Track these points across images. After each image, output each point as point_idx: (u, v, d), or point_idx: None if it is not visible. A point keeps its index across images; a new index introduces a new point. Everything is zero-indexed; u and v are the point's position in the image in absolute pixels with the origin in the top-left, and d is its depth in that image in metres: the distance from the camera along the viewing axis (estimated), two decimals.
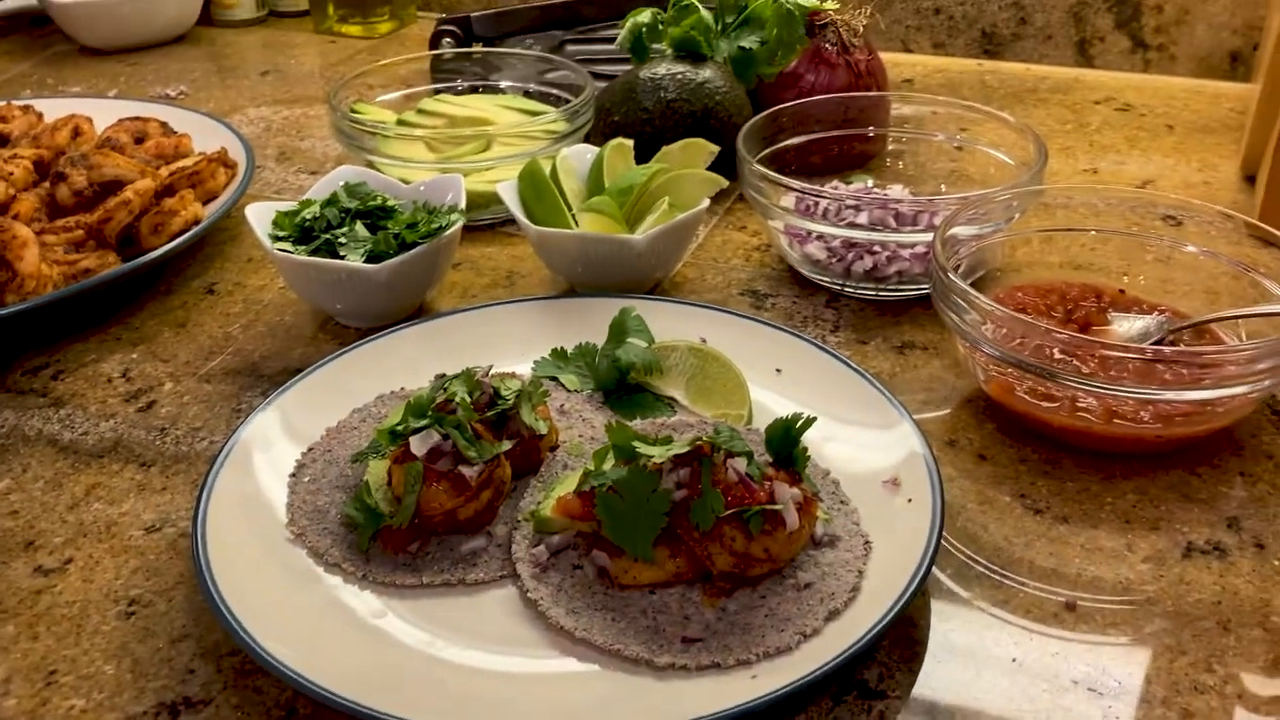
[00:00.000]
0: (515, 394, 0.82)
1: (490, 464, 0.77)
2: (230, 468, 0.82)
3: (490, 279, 1.15)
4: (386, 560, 0.76)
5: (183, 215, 1.11)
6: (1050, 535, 0.80)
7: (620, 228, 1.03)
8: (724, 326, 0.97)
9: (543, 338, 0.98)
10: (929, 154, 1.29)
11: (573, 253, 1.04)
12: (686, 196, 1.08)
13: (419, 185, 1.11)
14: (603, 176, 1.12)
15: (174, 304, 1.12)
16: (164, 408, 0.97)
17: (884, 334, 1.04)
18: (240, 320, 1.09)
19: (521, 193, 1.10)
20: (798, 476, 0.74)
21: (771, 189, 1.07)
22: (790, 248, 1.11)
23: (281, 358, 1.03)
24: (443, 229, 1.02)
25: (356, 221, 1.03)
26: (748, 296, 1.10)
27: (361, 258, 0.99)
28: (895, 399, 0.85)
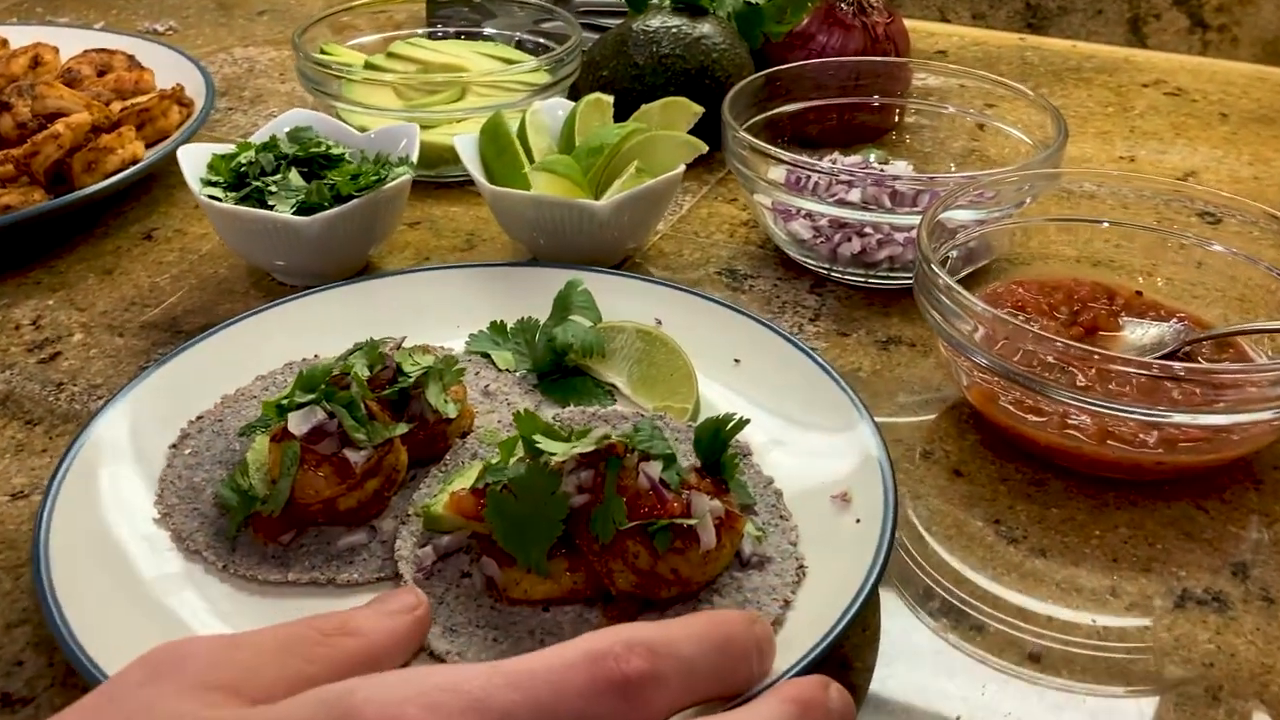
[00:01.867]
0: (421, 371, 0.72)
1: (381, 449, 0.68)
2: (105, 430, 0.73)
3: (449, 242, 1.06)
4: (255, 551, 0.67)
5: (119, 154, 1.03)
6: (1024, 569, 0.69)
7: (582, 192, 0.93)
8: (685, 309, 0.87)
9: (485, 309, 0.88)
10: (948, 131, 1.17)
11: (529, 217, 0.93)
12: (661, 161, 0.97)
13: (371, 134, 1.02)
14: (574, 135, 1.02)
15: (106, 249, 1.04)
16: (67, 361, 0.89)
17: (869, 326, 0.93)
18: (172, 271, 1.00)
19: (482, 148, 1.00)
20: (724, 487, 0.64)
21: (757, 159, 0.97)
22: (775, 225, 1.00)
23: (205, 313, 0.94)
24: (383, 181, 0.92)
25: (292, 169, 0.93)
26: (725, 276, 1.00)
27: (291, 209, 0.90)
28: (859, 400, 0.74)
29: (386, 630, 0.52)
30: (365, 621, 0.52)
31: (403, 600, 0.55)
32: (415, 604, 0.55)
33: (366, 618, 0.53)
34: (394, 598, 0.55)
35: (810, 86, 1.10)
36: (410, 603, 0.55)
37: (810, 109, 1.11)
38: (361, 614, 0.53)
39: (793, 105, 1.10)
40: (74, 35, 1.35)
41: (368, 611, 0.54)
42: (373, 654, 0.51)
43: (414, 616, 0.54)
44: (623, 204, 0.92)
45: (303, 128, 0.99)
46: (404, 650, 0.53)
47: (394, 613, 0.54)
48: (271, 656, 0.47)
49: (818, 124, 1.12)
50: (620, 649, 0.45)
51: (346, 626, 0.51)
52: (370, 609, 0.54)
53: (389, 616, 0.53)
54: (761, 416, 0.77)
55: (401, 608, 0.54)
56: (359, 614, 0.53)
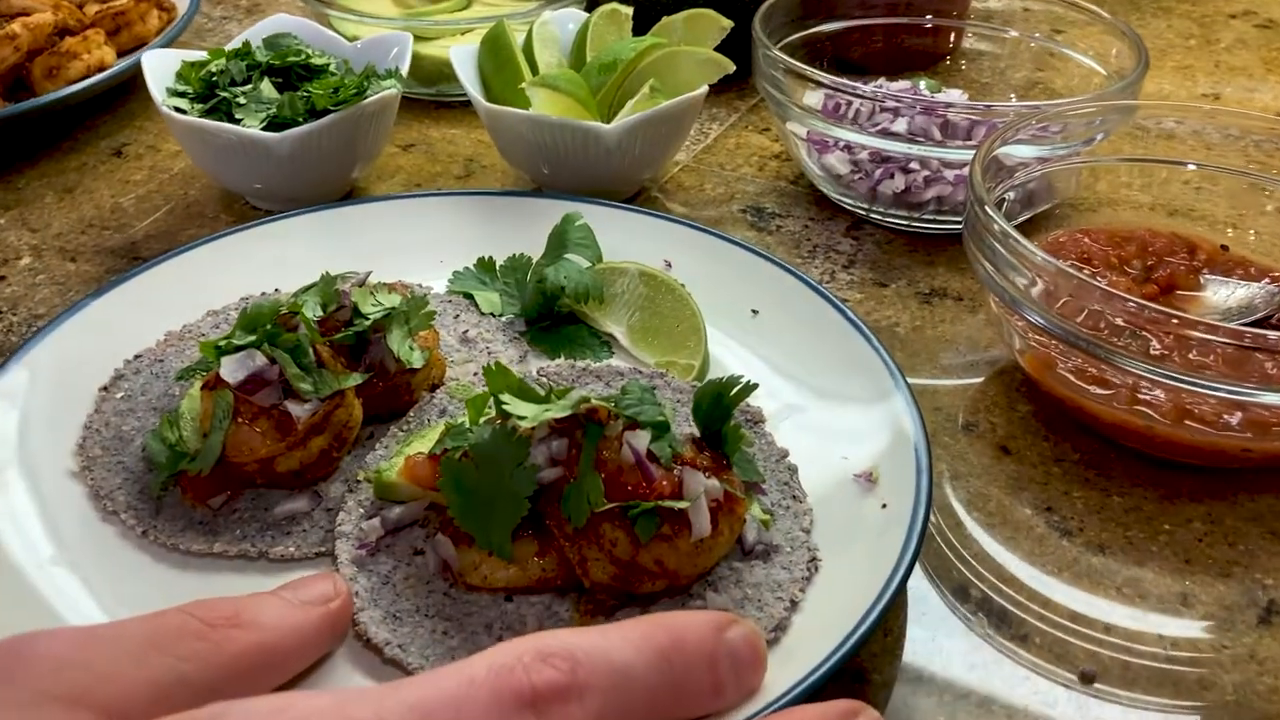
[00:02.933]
0: (383, 313, 0.62)
1: (329, 402, 0.58)
2: (31, 365, 0.64)
3: (445, 168, 0.95)
4: (181, 515, 0.58)
5: (84, 59, 0.93)
6: (1080, 567, 0.59)
7: (588, 112, 0.82)
8: (700, 250, 0.76)
9: (473, 243, 0.78)
10: (1010, 59, 1.05)
11: (528, 140, 0.83)
12: (682, 81, 0.86)
13: (358, 44, 0.91)
14: (586, 49, 0.90)
15: (70, 164, 0.94)
16: (11, 287, 0.80)
17: (910, 275, 0.81)
18: (138, 191, 0.91)
19: (481, 61, 0.90)
20: (725, 462, 0.54)
21: (791, 82, 0.85)
22: (809, 158, 0.88)
23: (168, 239, 0.85)
24: (364, 94, 0.82)
25: (265, 79, 0.83)
26: (750, 215, 0.89)
27: (260, 124, 0.80)
28: (893, 364, 0.64)
29: (291, 625, 0.43)
30: (265, 611, 0.43)
31: (317, 588, 0.46)
32: (331, 594, 0.46)
33: (267, 607, 0.43)
34: (308, 584, 0.46)
35: (855, 3, 0.98)
36: (325, 591, 0.46)
37: (854, 29, 0.99)
38: (263, 602, 0.44)
39: (834, 24, 0.98)
40: None
41: (271, 599, 0.44)
42: (268, 653, 0.42)
43: (327, 610, 0.45)
44: (635, 128, 0.81)
45: (283, 34, 0.89)
46: (310, 650, 0.44)
47: (305, 603, 0.45)
48: (136, 654, 0.38)
49: (862, 46, 1.00)
50: (530, 659, 0.36)
51: (240, 617, 0.42)
52: (275, 596, 0.45)
53: (297, 607, 0.44)
54: (778, 379, 0.67)
55: (315, 597, 0.45)
56: (259, 601, 0.44)
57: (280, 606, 0.44)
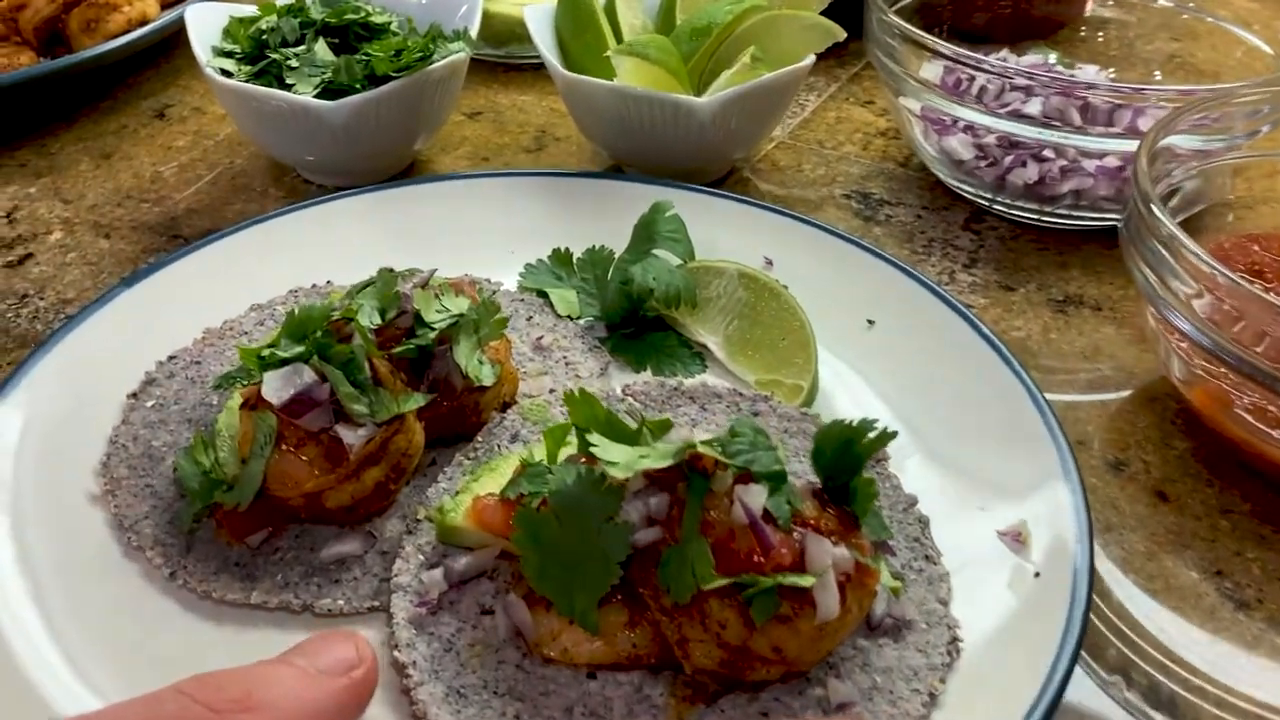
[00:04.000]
0: (450, 321, 0.54)
1: (388, 427, 0.50)
2: (54, 365, 0.57)
3: (514, 139, 0.86)
4: (214, 553, 0.50)
5: (125, 12, 0.85)
6: (1261, 645, 0.50)
7: (679, 84, 0.72)
8: (805, 246, 0.67)
9: (548, 231, 0.69)
10: (1144, 28, 0.93)
11: (611, 113, 0.74)
12: (785, 49, 0.76)
13: (423, 0, 0.82)
14: (675, 10, 0.81)
15: (109, 127, 0.87)
16: (39, 266, 0.72)
17: (1040, 278, 0.72)
18: (180, 159, 0.83)
19: (558, 23, 0.80)
20: (853, 522, 0.45)
21: (909, 51, 0.75)
22: (925, 138, 0.78)
23: (211, 215, 0.77)
24: (430, 59, 0.73)
25: (320, 40, 0.75)
26: (855, 201, 0.79)
27: (314, 90, 0.72)
28: (1042, 398, 0.55)
29: (310, 705, 0.36)
30: (278, 688, 0.35)
31: (337, 652, 0.38)
32: (354, 660, 0.38)
33: (281, 682, 0.36)
34: (327, 646, 0.38)
35: None
36: (347, 658, 0.38)
37: None
38: (275, 676, 0.36)
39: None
40: None
41: (285, 672, 0.37)
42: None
43: (350, 681, 0.37)
44: (731, 102, 0.71)
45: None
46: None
47: (324, 672, 0.37)
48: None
49: (986, 12, 0.89)
50: None
51: (249, 698, 0.34)
52: (289, 665, 0.37)
53: (314, 680, 0.37)
54: (899, 407, 0.58)
55: (335, 665, 0.38)
56: (271, 676, 0.36)
57: (295, 681, 0.36)
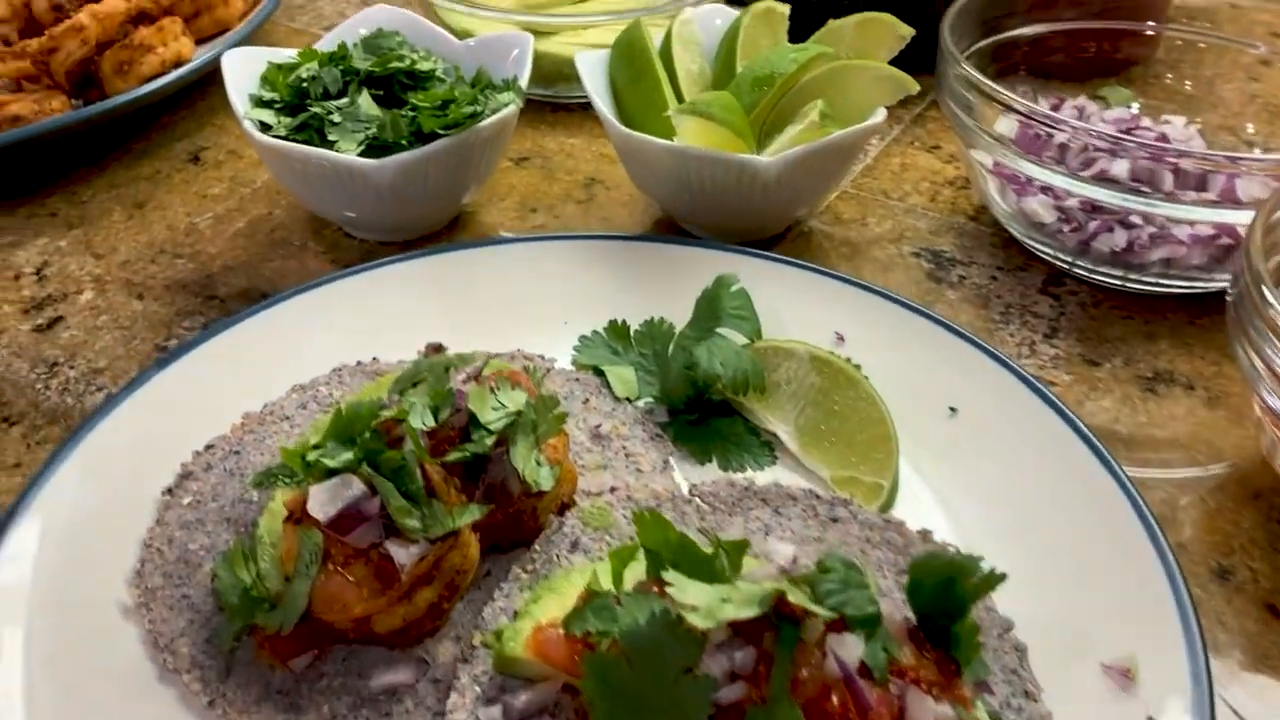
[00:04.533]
0: (506, 421, 0.50)
1: (442, 544, 0.46)
2: (81, 461, 0.54)
3: (563, 187, 0.82)
4: (256, 677, 0.47)
5: (159, 54, 0.82)
6: None
7: (742, 143, 0.68)
8: (879, 320, 0.63)
9: (602, 299, 0.65)
10: (1219, 65, 0.89)
11: (669, 171, 0.70)
12: (853, 101, 0.72)
13: (470, 43, 0.78)
14: (735, 56, 0.77)
15: (142, 171, 0.83)
16: (69, 330, 0.69)
17: (1127, 351, 0.67)
18: (216, 208, 0.80)
19: (612, 70, 0.76)
20: (954, 670, 0.41)
21: (983, 105, 0.71)
22: (999, 195, 0.74)
23: (248, 273, 0.73)
24: (480, 116, 0.69)
25: (363, 91, 0.71)
26: (925, 260, 0.75)
27: (358, 148, 0.68)
28: (1145, 504, 0.50)
29: None
30: None
31: None
32: None
33: None
34: None
35: (1056, 2, 0.82)
36: None
37: (1056, 33, 0.83)
38: None
39: (1033, 28, 0.82)
40: None
41: None
42: None
43: None
44: (797, 162, 0.67)
45: (386, 33, 0.76)
46: None
47: None
48: None
49: (1064, 53, 0.85)
50: None
51: None
52: None
53: None
54: (987, 513, 0.53)
55: None
56: None
57: None
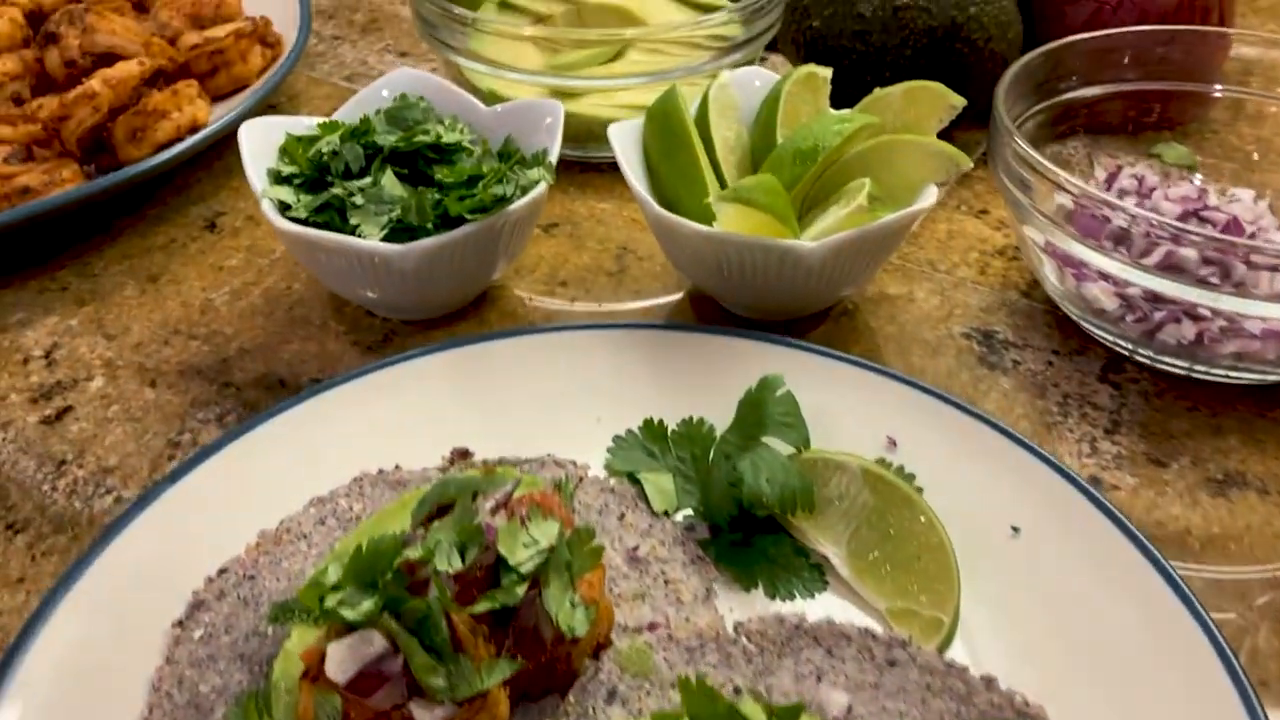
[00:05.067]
0: (539, 559, 0.46)
1: (469, 706, 0.43)
2: (84, 591, 0.50)
3: (593, 257, 0.79)
4: None
5: (174, 119, 0.79)
6: None
7: (784, 228, 0.65)
8: (933, 423, 0.59)
9: (636, 394, 0.62)
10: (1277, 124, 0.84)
11: (706, 255, 0.66)
12: (901, 176, 0.68)
13: (498, 109, 0.75)
14: (775, 123, 0.73)
15: (156, 240, 0.80)
16: (78, 423, 0.66)
17: (1195, 449, 0.63)
18: (233, 282, 0.76)
19: (646, 142, 0.73)
20: None
21: (1038, 182, 0.66)
22: (1055, 276, 0.70)
23: (265, 356, 0.70)
24: (507, 201, 0.66)
25: (387, 168, 0.67)
26: (977, 343, 0.71)
27: (380, 232, 0.65)
28: (1232, 652, 0.46)
29: None
30: None
31: None
32: None
33: None
34: None
35: (1115, 62, 0.78)
36: None
37: (1111, 95, 0.79)
38: None
39: (1089, 89, 0.78)
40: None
41: None
42: None
43: None
44: (842, 247, 0.63)
45: (409, 101, 0.73)
46: None
47: None
48: None
49: (1119, 112, 0.80)
50: None
51: None
52: None
53: None
54: (1056, 650, 0.49)
55: None
56: None
57: None
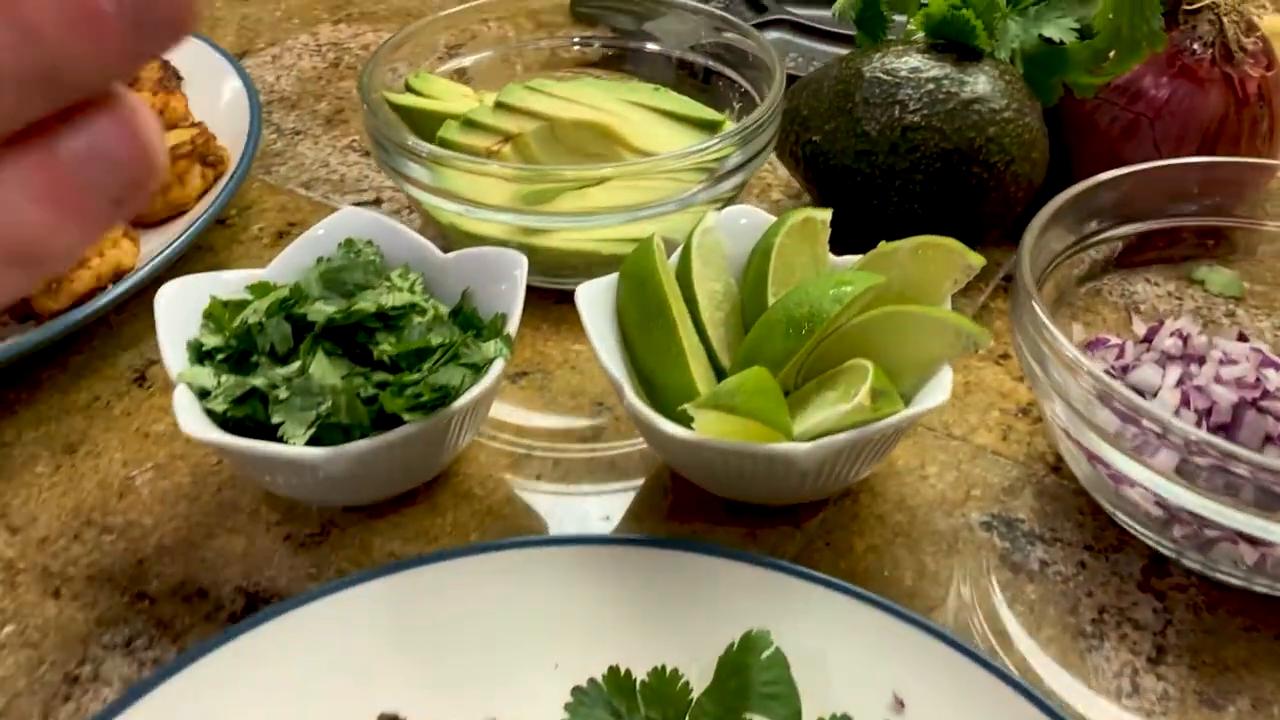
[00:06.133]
0: None
1: None
2: None
3: (565, 414, 0.70)
4: None
5: (93, 267, 0.70)
6: None
7: (773, 432, 0.55)
8: (950, 681, 0.50)
9: (599, 634, 0.53)
10: None
11: (688, 458, 0.58)
12: (909, 352, 0.60)
13: (455, 258, 0.66)
14: (767, 280, 0.64)
15: (78, 398, 0.72)
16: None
17: (1253, 683, 0.54)
18: (158, 455, 0.68)
19: (621, 303, 0.64)
20: None
21: (1059, 364, 0.57)
22: (1085, 467, 0.61)
23: (186, 558, 0.62)
24: (453, 395, 0.57)
25: (318, 351, 0.59)
26: (997, 534, 0.62)
27: (306, 432, 0.56)
28: None
29: None
30: None
31: None
32: None
33: None
34: None
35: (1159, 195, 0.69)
36: None
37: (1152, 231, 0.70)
38: None
39: (1125, 228, 0.69)
40: None
41: None
42: None
43: None
44: (841, 450, 0.55)
45: (354, 248, 0.65)
46: None
47: None
48: None
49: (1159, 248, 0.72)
50: None
51: None
52: None
53: None
54: None
55: None
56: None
57: None
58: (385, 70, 0.83)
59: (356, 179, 0.91)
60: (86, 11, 0.20)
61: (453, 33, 0.91)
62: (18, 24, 0.19)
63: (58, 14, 0.19)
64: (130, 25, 0.20)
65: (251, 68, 1.08)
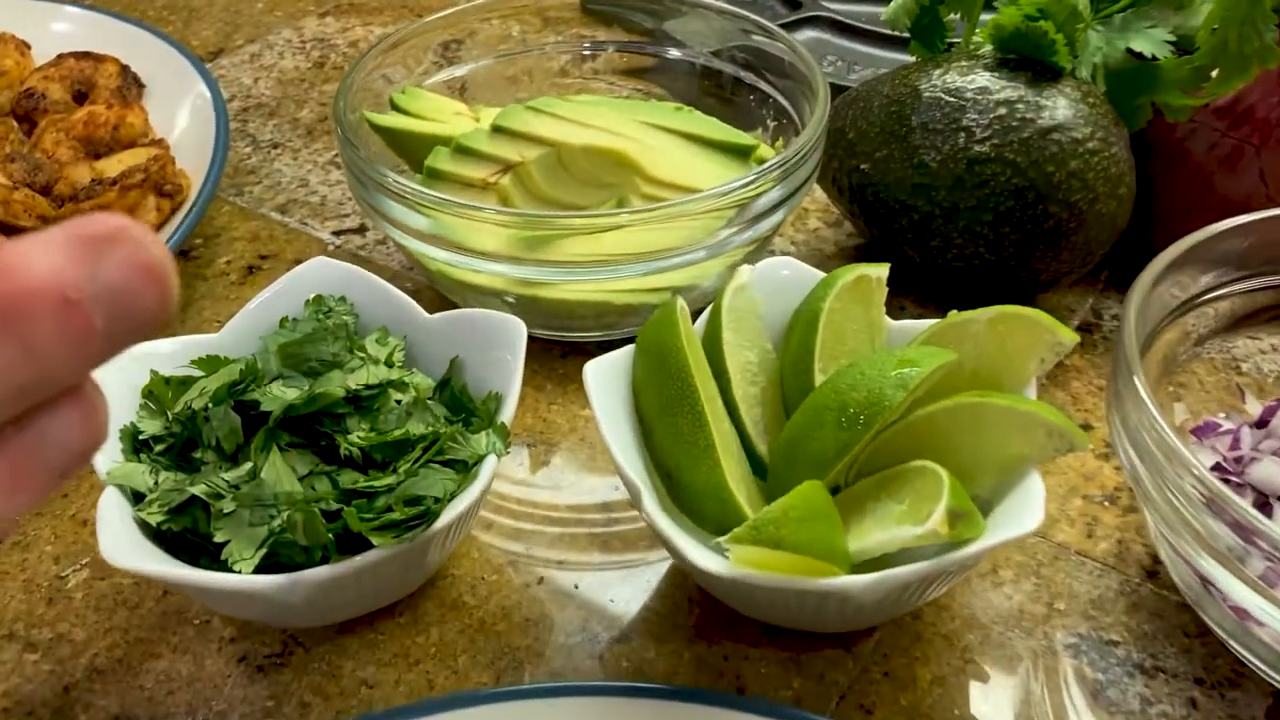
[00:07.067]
0: None
1: None
2: None
3: (572, 500, 0.60)
4: None
5: None
6: None
7: (826, 566, 0.45)
8: None
9: None
10: None
11: (724, 588, 0.47)
12: (989, 450, 0.49)
13: (443, 320, 0.56)
14: (813, 352, 0.54)
15: None
16: None
17: None
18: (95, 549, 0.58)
19: (636, 381, 0.54)
20: None
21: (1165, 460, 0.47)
22: (1196, 586, 0.51)
23: (120, 684, 0.52)
24: (432, 516, 0.47)
25: (273, 449, 0.49)
26: (1086, 659, 0.52)
27: (255, 553, 0.46)
28: None
29: None
30: None
31: None
32: None
33: None
34: None
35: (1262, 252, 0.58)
36: None
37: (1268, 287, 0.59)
38: None
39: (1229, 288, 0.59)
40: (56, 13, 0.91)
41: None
42: None
43: None
44: (909, 583, 0.44)
45: (310, 328, 0.54)
46: None
47: None
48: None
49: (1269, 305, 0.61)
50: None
51: None
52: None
53: None
54: None
55: None
56: None
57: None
58: (375, 78, 0.73)
59: (339, 201, 0.81)
60: (82, 329, 0.21)
61: (450, 33, 0.80)
62: (24, 344, 0.20)
63: (62, 335, 0.21)
64: (111, 331, 0.21)
65: (227, 69, 0.97)
